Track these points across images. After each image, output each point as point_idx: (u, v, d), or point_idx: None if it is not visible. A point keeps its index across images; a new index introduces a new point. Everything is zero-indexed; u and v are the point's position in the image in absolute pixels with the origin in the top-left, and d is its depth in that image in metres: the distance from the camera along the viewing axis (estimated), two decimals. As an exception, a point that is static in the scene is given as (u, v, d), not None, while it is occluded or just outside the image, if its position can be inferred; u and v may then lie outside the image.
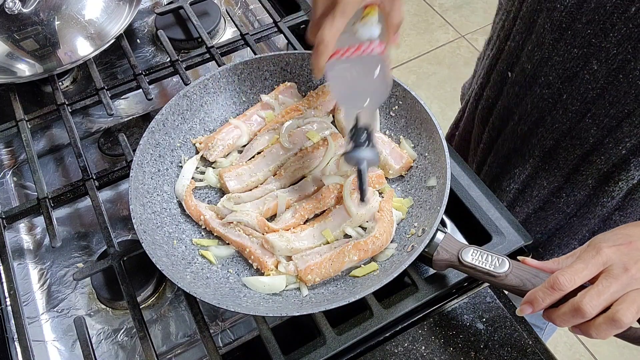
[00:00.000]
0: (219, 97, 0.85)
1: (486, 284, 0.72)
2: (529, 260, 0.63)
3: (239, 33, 1.01)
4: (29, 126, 0.91)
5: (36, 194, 0.82)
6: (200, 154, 0.81)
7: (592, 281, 0.56)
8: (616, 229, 0.61)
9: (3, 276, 0.76)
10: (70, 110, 0.92)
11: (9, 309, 0.74)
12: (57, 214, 0.87)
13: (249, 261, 0.72)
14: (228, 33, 1.14)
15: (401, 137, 0.81)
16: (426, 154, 0.77)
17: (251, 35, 1.00)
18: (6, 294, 0.74)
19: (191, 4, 1.07)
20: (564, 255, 0.62)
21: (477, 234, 0.76)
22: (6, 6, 0.93)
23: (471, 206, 0.77)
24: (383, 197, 0.75)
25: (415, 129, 0.80)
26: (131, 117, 0.99)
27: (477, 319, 0.69)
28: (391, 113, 0.82)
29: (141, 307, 0.74)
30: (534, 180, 0.89)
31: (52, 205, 0.81)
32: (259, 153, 0.81)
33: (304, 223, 0.74)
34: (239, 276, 0.71)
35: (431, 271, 0.73)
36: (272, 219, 0.76)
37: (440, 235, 0.67)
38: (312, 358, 0.65)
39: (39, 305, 0.79)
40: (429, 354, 0.67)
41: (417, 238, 0.69)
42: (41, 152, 0.96)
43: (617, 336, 0.57)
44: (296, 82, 0.86)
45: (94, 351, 0.68)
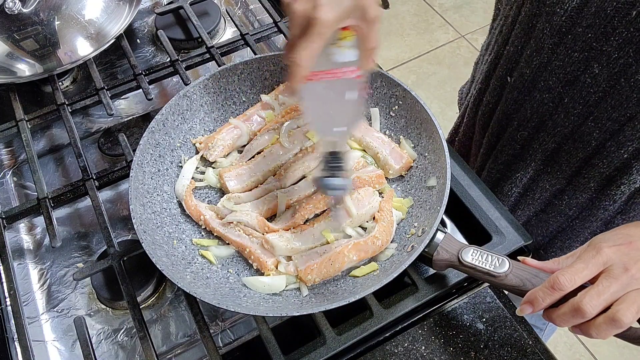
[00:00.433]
0: (218, 97, 0.85)
1: (486, 284, 0.72)
2: (529, 260, 0.63)
3: (239, 33, 1.01)
4: (29, 126, 0.91)
5: (36, 194, 0.82)
6: (200, 154, 0.81)
7: (592, 281, 0.56)
8: (616, 228, 0.61)
9: (3, 276, 0.76)
10: (70, 110, 0.92)
11: (9, 309, 0.74)
12: (57, 214, 0.87)
13: (249, 261, 0.72)
14: (228, 33, 1.14)
15: (401, 137, 0.81)
16: (426, 154, 0.77)
17: (251, 35, 1.00)
18: (6, 294, 0.74)
19: (191, 4, 1.07)
20: (564, 255, 0.62)
21: (477, 234, 0.76)
22: (6, 6, 0.93)
23: (471, 206, 0.77)
24: (383, 197, 0.75)
25: (415, 129, 0.80)
26: (131, 117, 0.99)
27: (477, 319, 0.69)
28: (391, 113, 0.82)
29: (141, 307, 0.74)
30: (535, 183, 0.89)
31: (52, 205, 0.81)
32: (259, 153, 0.81)
33: (304, 223, 0.74)
34: (239, 276, 0.71)
35: (431, 271, 0.73)
36: (272, 219, 0.76)
37: (440, 235, 0.67)
38: (312, 358, 0.65)
39: (39, 305, 0.79)
40: (429, 354, 0.67)
41: (417, 238, 0.69)
42: (41, 152, 0.96)
43: (617, 336, 0.57)
44: (296, 82, 0.86)
45: (94, 351, 0.68)
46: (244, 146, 0.83)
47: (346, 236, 0.72)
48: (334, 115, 0.65)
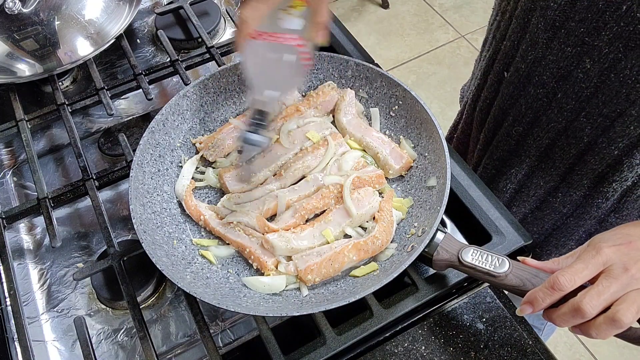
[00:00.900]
0: (219, 97, 0.85)
1: (486, 284, 0.72)
2: (529, 260, 0.63)
3: (239, 33, 1.01)
4: (29, 126, 0.91)
5: (36, 194, 0.82)
6: (200, 154, 0.81)
7: (592, 281, 0.56)
8: (616, 228, 0.61)
9: (3, 276, 0.76)
10: (70, 110, 0.92)
11: (9, 309, 0.74)
12: (57, 214, 0.87)
13: (249, 261, 0.72)
14: (228, 33, 1.14)
15: (401, 137, 0.81)
16: (426, 154, 0.77)
17: (251, 35, 1.00)
18: (6, 294, 0.74)
19: (191, 4, 1.07)
20: (563, 255, 0.62)
21: (477, 234, 0.76)
22: (6, 6, 0.93)
23: (471, 206, 0.77)
24: (383, 197, 0.75)
25: (415, 129, 0.80)
26: (131, 117, 0.99)
27: (477, 319, 0.69)
28: (391, 113, 0.82)
29: (141, 307, 0.74)
30: (530, 180, 0.89)
31: (52, 205, 0.81)
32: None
33: (304, 223, 0.74)
34: (239, 276, 0.71)
35: (431, 271, 0.73)
36: (272, 219, 0.76)
37: (440, 235, 0.67)
38: (312, 358, 0.65)
39: (39, 305, 0.79)
40: (429, 354, 0.67)
41: (417, 238, 0.69)
42: (41, 152, 0.96)
43: (617, 336, 0.57)
44: (296, 82, 0.86)
45: (94, 351, 0.68)
46: (244, 146, 0.83)
47: (346, 236, 0.73)
48: (269, 77, 0.69)
